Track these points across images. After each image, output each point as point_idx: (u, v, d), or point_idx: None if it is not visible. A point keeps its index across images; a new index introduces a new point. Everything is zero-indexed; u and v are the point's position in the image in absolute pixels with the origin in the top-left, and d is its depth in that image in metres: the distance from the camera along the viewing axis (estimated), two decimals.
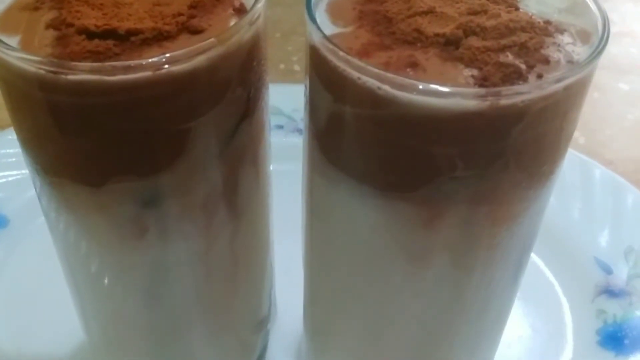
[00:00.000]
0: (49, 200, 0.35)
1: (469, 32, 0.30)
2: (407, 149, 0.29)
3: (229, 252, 0.38)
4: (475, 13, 0.31)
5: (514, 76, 0.28)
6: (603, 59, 0.84)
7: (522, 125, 0.28)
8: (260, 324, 0.45)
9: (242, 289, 0.41)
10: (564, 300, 0.52)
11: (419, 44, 0.30)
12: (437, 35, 0.30)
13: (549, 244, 0.53)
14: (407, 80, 0.27)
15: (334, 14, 0.32)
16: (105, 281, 0.38)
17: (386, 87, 0.28)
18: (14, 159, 0.58)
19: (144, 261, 0.36)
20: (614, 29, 0.97)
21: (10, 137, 0.59)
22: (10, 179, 0.58)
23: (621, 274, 0.52)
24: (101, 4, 0.32)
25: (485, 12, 0.31)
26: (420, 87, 0.27)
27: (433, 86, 0.27)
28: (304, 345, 0.46)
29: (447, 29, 0.30)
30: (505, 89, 0.27)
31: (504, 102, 0.27)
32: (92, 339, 0.44)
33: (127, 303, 0.39)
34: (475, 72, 0.29)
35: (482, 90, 0.27)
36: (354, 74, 0.29)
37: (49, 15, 0.31)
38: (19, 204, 0.57)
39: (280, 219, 0.44)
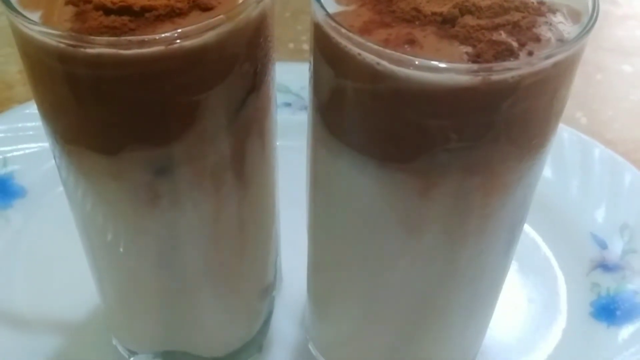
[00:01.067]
0: (67, 169, 0.37)
1: (464, 11, 0.32)
2: (404, 121, 0.31)
3: (236, 220, 0.40)
4: None
5: (506, 53, 0.30)
6: (608, 41, 0.84)
7: (512, 99, 0.30)
8: (266, 290, 0.47)
9: (249, 255, 0.43)
10: (559, 274, 0.54)
11: (417, 22, 0.32)
12: (434, 14, 0.32)
13: (547, 219, 0.55)
14: (404, 56, 0.29)
15: None
16: (120, 246, 0.39)
17: (385, 63, 0.29)
18: (31, 133, 0.60)
19: (156, 227, 0.38)
20: (619, 12, 0.97)
21: (27, 111, 0.62)
22: (27, 151, 0.60)
23: (616, 249, 0.54)
24: None
25: None
26: (417, 62, 0.29)
27: (428, 62, 0.29)
28: (307, 311, 0.48)
29: (444, 8, 0.32)
30: (496, 65, 0.29)
31: (495, 77, 0.29)
32: (106, 302, 0.46)
33: (140, 267, 0.41)
34: (469, 49, 0.30)
35: (475, 66, 0.29)
36: (355, 50, 0.30)
37: None
38: (37, 175, 0.59)
39: (288, 192, 0.46)
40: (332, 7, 0.33)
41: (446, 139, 0.31)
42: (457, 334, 0.44)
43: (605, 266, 0.54)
